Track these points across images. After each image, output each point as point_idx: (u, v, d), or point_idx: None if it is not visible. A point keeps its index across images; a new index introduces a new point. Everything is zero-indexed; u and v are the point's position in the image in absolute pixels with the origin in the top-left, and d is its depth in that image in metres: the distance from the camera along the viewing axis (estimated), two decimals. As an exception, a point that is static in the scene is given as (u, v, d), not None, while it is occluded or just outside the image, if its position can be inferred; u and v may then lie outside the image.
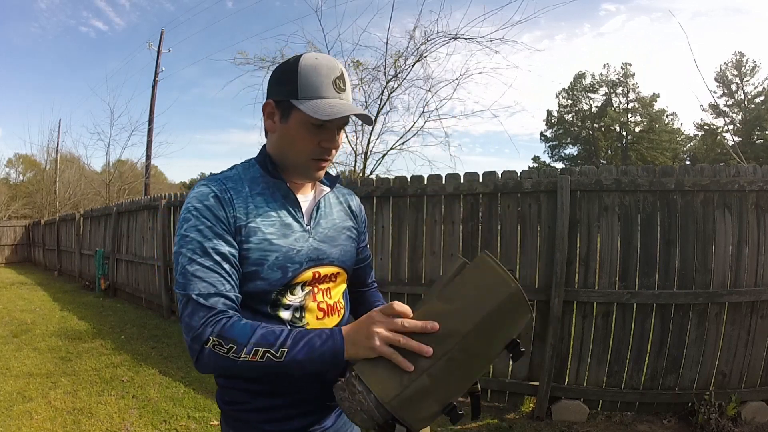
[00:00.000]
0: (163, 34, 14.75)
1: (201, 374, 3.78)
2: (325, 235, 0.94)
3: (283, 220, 0.88)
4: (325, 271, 0.93)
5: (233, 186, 0.87)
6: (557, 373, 3.02)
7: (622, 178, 2.93)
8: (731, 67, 31.15)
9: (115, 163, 16.61)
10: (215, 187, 0.85)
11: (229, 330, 0.75)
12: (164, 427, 2.91)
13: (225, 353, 0.75)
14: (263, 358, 0.74)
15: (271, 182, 0.90)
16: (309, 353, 0.75)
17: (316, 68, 0.84)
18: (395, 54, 5.97)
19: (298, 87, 0.83)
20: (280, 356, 0.74)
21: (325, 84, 0.83)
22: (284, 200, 0.90)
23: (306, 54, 0.86)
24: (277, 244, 0.86)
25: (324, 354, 0.75)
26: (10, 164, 27.67)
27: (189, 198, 0.85)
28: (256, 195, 0.88)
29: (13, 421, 2.94)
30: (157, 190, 19.33)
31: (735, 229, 2.85)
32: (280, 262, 0.85)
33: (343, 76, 0.86)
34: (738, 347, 2.84)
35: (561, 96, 37.90)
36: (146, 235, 6.79)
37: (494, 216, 3.23)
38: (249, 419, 0.90)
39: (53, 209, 17.63)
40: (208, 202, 0.83)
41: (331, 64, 0.85)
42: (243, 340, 0.74)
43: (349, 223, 1.02)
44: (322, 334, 0.77)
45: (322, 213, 0.96)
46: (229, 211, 0.83)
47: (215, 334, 0.75)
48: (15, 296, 8.07)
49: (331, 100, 0.83)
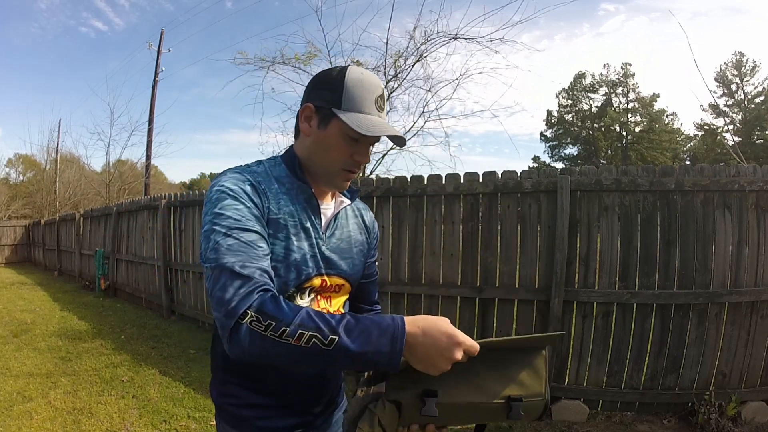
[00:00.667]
0: (163, 34, 14.75)
1: (201, 374, 3.79)
2: (338, 247, 0.95)
3: (302, 224, 0.88)
4: (332, 281, 0.93)
5: (263, 180, 0.87)
6: (557, 373, 3.02)
7: (622, 178, 2.93)
8: (731, 67, 31.14)
9: (115, 163, 16.63)
10: (249, 176, 0.85)
11: (272, 305, 0.68)
12: (164, 427, 2.91)
13: (263, 331, 0.66)
14: (308, 344, 0.66)
15: (296, 184, 0.90)
16: (364, 345, 0.67)
17: (362, 83, 0.85)
18: (395, 54, 5.97)
19: (343, 98, 0.84)
20: (329, 344, 0.66)
21: (368, 100, 0.85)
22: (306, 204, 0.90)
23: (352, 67, 0.88)
24: (297, 245, 0.86)
25: (379, 350, 0.67)
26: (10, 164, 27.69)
27: (221, 180, 0.82)
28: (283, 194, 0.88)
29: (13, 421, 2.94)
30: (157, 190, 19.33)
31: (735, 229, 2.85)
32: (297, 263, 0.86)
33: (384, 96, 0.88)
34: (738, 347, 2.84)
35: (561, 96, 37.91)
36: (146, 235, 6.79)
37: (494, 216, 3.23)
38: (242, 415, 0.90)
39: (53, 209, 17.63)
40: (245, 188, 0.82)
41: (376, 82, 0.87)
42: (287, 319, 0.66)
43: (361, 237, 1.03)
44: (381, 324, 0.69)
45: (339, 224, 0.97)
46: (263, 201, 0.83)
47: (254, 309, 0.67)
48: (15, 296, 8.07)
49: (373, 117, 0.85)
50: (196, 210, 5.65)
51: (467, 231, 3.31)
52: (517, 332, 3.15)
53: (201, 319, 5.47)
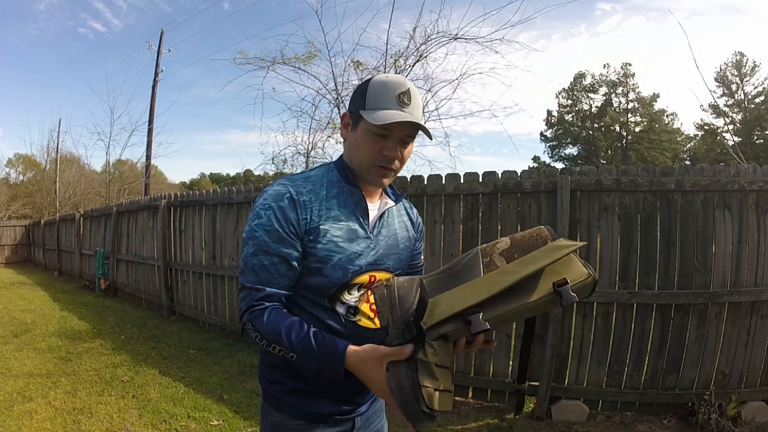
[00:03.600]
0: (163, 34, 14.76)
1: (201, 374, 3.80)
2: (385, 244, 1.01)
3: (350, 226, 0.95)
4: (381, 276, 0.99)
5: (312, 188, 0.95)
6: (557, 373, 3.02)
7: (622, 178, 2.93)
8: (731, 67, 31.15)
9: (115, 163, 16.61)
10: (292, 188, 0.93)
11: (258, 321, 0.88)
12: (164, 427, 2.91)
13: (254, 338, 0.88)
14: (279, 354, 0.86)
15: (346, 188, 0.98)
16: (314, 368, 0.85)
17: (384, 83, 0.93)
18: (395, 54, 5.97)
19: (366, 99, 0.92)
20: (291, 358, 0.85)
21: (389, 97, 0.91)
22: (355, 207, 0.98)
23: (379, 74, 0.97)
24: (342, 246, 0.93)
25: (324, 371, 0.85)
26: (10, 164, 27.65)
27: (266, 195, 0.93)
28: (332, 198, 0.96)
29: (13, 421, 2.94)
30: (157, 190, 19.33)
31: (735, 229, 2.85)
32: (342, 263, 0.93)
33: (409, 93, 0.93)
34: (738, 347, 2.84)
35: (561, 96, 37.94)
36: (146, 235, 6.79)
37: (494, 216, 3.23)
38: (288, 401, 0.96)
39: (53, 209, 17.63)
40: (283, 203, 0.91)
41: (399, 81, 0.93)
42: (267, 332, 0.86)
43: (407, 233, 1.10)
44: (325, 356, 0.84)
45: (385, 222, 1.03)
46: (301, 213, 0.91)
47: (249, 320, 0.89)
48: (15, 296, 8.07)
49: (392, 111, 0.91)
50: (196, 210, 5.65)
51: (467, 231, 3.31)
52: (516, 332, 3.15)
53: (201, 319, 5.47)
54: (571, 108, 37.95)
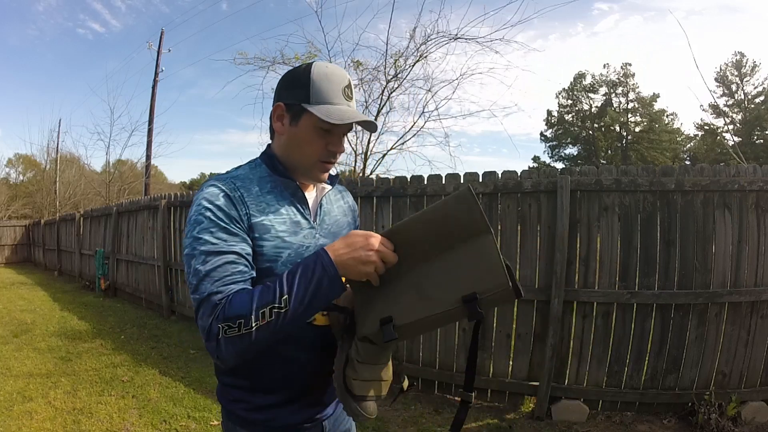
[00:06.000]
0: (163, 34, 14.76)
1: (201, 374, 3.79)
2: (329, 231, 0.99)
3: (292, 218, 0.92)
4: None
5: (242, 185, 0.89)
6: (557, 373, 3.02)
7: (622, 178, 2.93)
8: (731, 67, 31.15)
9: (115, 163, 16.63)
10: (225, 186, 0.86)
11: (230, 309, 0.76)
12: (164, 427, 2.91)
13: (237, 332, 0.75)
14: (272, 316, 0.75)
15: (280, 181, 0.93)
16: (307, 285, 0.77)
17: (328, 76, 0.88)
18: (395, 54, 5.97)
19: (311, 92, 0.87)
20: (285, 304, 0.75)
21: (335, 91, 0.88)
22: (292, 198, 0.94)
23: (317, 62, 0.90)
24: (288, 241, 0.89)
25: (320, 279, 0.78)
26: (10, 164, 27.68)
27: (198, 199, 0.85)
28: (266, 193, 0.90)
29: (13, 421, 2.94)
30: (157, 190, 19.31)
31: (735, 229, 2.84)
32: (292, 259, 0.89)
33: (350, 86, 0.91)
34: (738, 347, 2.84)
35: (561, 96, 37.93)
36: (146, 235, 6.79)
37: (494, 216, 3.22)
38: (253, 418, 0.92)
39: (53, 209, 17.63)
40: (219, 202, 0.84)
41: (341, 74, 0.90)
42: (246, 310, 0.75)
43: (347, 218, 1.08)
44: (307, 261, 0.80)
45: (325, 210, 1.00)
46: (241, 209, 0.85)
47: (221, 320, 0.75)
48: (15, 296, 8.07)
49: (342, 106, 0.88)
50: (196, 210, 5.64)
51: (467, 231, 3.30)
52: (516, 332, 3.15)
53: (201, 319, 5.46)
54: (571, 108, 37.94)
